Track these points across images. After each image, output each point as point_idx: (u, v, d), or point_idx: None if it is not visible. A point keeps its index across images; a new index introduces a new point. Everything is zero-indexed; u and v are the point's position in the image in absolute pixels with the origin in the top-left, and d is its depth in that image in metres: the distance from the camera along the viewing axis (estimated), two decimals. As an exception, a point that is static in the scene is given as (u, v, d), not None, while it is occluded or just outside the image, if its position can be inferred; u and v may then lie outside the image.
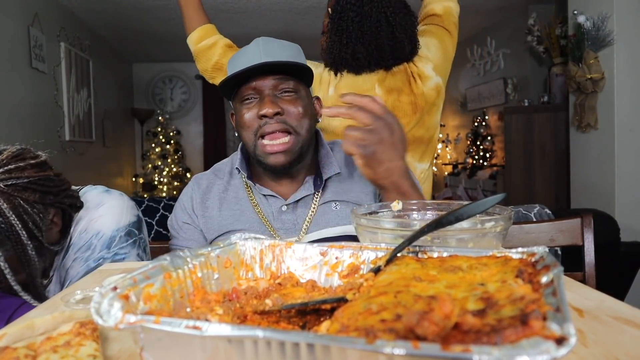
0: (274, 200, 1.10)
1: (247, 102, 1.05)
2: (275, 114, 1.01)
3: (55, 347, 0.44)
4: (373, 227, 0.66)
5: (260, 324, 0.45)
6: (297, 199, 1.09)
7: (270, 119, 1.01)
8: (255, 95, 1.04)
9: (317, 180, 1.11)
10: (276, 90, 1.03)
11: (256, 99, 1.04)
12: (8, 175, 0.88)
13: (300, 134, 1.04)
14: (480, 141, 5.33)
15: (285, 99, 1.03)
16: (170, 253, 0.49)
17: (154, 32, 5.18)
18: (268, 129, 1.01)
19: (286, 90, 1.03)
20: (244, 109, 1.05)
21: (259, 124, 1.02)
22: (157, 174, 6.57)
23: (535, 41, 4.12)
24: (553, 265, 0.41)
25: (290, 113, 1.02)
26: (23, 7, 3.51)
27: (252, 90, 1.03)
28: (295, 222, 1.09)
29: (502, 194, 0.55)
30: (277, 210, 1.10)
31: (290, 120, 1.02)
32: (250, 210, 1.11)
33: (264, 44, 1.04)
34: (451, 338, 0.31)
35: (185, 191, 1.18)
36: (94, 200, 1.06)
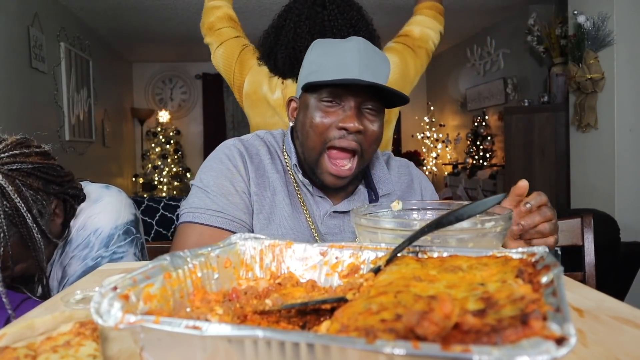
0: (323, 203, 1.05)
1: (328, 105, 0.96)
2: (357, 131, 0.95)
3: (55, 347, 0.44)
4: (373, 227, 0.66)
5: (260, 324, 0.45)
6: (349, 209, 1.03)
7: (349, 134, 0.95)
8: (339, 101, 0.96)
9: (371, 194, 1.08)
10: (362, 105, 0.97)
11: (339, 106, 0.96)
12: (13, 159, 0.88)
13: (365, 158, 0.99)
14: (480, 141, 5.33)
15: (367, 117, 0.97)
16: (170, 253, 0.49)
17: (154, 32, 5.18)
18: (342, 143, 0.95)
19: (371, 108, 0.97)
20: (322, 111, 0.97)
21: (333, 134, 0.96)
22: (157, 174, 6.57)
23: (535, 41, 4.12)
24: (553, 265, 0.41)
25: (367, 133, 0.97)
26: (23, 7, 3.51)
27: (336, 96, 0.96)
28: (342, 227, 1.05)
29: (502, 194, 0.55)
30: (326, 213, 1.04)
31: (365, 141, 0.97)
32: (290, 205, 1.03)
33: (364, 50, 0.96)
34: (451, 338, 0.31)
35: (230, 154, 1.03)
36: (92, 195, 1.04)
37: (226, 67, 1.65)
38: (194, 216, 0.98)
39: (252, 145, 1.06)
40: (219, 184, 1.00)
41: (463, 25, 5.20)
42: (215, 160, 1.03)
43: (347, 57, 0.95)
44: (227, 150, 1.04)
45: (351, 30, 1.47)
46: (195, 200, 1.00)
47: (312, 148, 0.98)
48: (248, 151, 1.04)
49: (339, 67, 0.94)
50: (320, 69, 0.97)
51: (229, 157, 1.03)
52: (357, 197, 1.06)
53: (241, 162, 1.02)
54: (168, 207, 2.57)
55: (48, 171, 0.94)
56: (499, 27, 5.09)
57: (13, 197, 0.85)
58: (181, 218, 1.01)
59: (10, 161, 0.87)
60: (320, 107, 0.97)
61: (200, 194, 1.00)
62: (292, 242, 0.58)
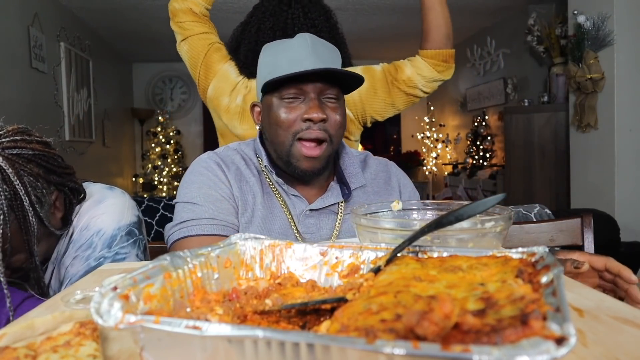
0: (299, 203, 1.07)
1: (290, 101, 1.00)
2: (321, 120, 0.99)
3: (55, 347, 0.44)
4: (373, 227, 0.66)
5: (260, 324, 0.45)
6: (324, 205, 1.07)
7: (315, 124, 0.99)
8: (300, 95, 1.00)
9: (344, 189, 1.10)
10: (322, 94, 1.01)
11: (299, 99, 1.00)
12: (14, 144, 0.88)
13: (333, 143, 1.03)
14: (480, 141, 5.33)
15: (328, 105, 1.01)
16: (170, 253, 0.49)
17: (154, 32, 5.18)
18: (310, 134, 0.99)
19: (330, 96, 1.01)
20: (284, 108, 1.00)
21: (300, 127, 0.99)
22: (157, 174, 6.57)
23: (535, 41, 4.12)
24: (553, 265, 0.41)
25: (331, 120, 1.01)
26: (23, 7, 3.51)
27: (297, 90, 1.00)
28: (319, 226, 1.07)
29: (502, 194, 0.55)
30: (302, 213, 1.07)
31: (331, 128, 1.01)
32: (278, 209, 1.07)
33: (312, 43, 1.00)
34: (451, 338, 0.31)
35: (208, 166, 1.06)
36: (96, 196, 1.04)
37: (192, 65, 1.67)
38: (187, 230, 1.00)
39: (225, 155, 1.10)
40: (203, 193, 1.03)
41: (463, 25, 5.20)
42: (194, 174, 1.06)
43: (297, 52, 0.99)
44: (203, 163, 1.08)
45: (312, 31, 1.48)
46: (184, 214, 1.02)
47: (281, 143, 1.02)
48: (224, 161, 1.08)
49: (292, 62, 0.98)
50: (275, 68, 1.00)
51: (206, 168, 1.06)
52: (331, 193, 1.08)
53: (220, 170, 1.06)
54: (168, 207, 2.57)
55: (49, 160, 0.94)
56: (499, 27, 5.09)
57: (12, 179, 0.84)
58: (173, 237, 1.02)
59: (11, 146, 0.87)
60: (283, 105, 1.01)
61: (189, 207, 1.02)
62: (292, 242, 0.58)
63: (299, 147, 1.00)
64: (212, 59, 1.62)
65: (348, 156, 1.14)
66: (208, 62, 1.63)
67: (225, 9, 4.37)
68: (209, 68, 1.62)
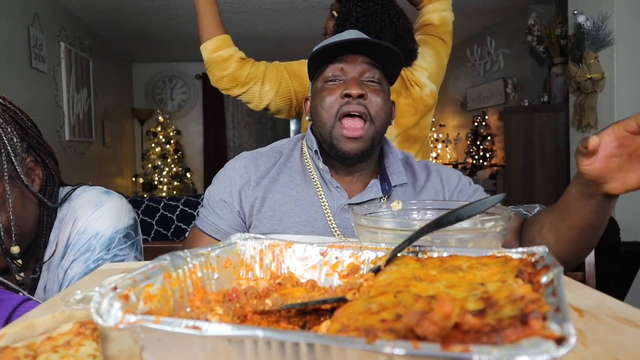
0: (339, 196, 1.07)
1: (331, 83, 1.04)
2: (360, 96, 1.00)
3: (55, 347, 0.44)
4: (373, 227, 0.66)
5: (260, 324, 0.45)
6: (363, 200, 1.07)
7: (353, 99, 1.00)
8: (342, 77, 1.03)
9: (384, 185, 1.09)
10: (362, 75, 1.03)
11: (341, 81, 1.03)
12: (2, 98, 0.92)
13: (375, 124, 1.03)
14: (480, 141, 5.33)
15: (370, 85, 1.03)
16: (170, 253, 0.49)
17: (154, 32, 5.18)
18: (349, 108, 1.00)
19: (372, 79, 1.04)
20: (327, 90, 1.04)
21: (340, 104, 1.02)
22: (157, 174, 6.57)
23: (535, 41, 4.12)
24: (553, 265, 0.41)
25: (372, 101, 1.02)
26: (23, 7, 3.51)
27: (339, 72, 1.03)
28: None
29: (503, 194, 0.55)
30: (340, 207, 1.06)
31: (371, 107, 1.02)
32: (307, 199, 1.07)
33: (358, 32, 1.07)
34: (451, 338, 0.31)
35: (236, 167, 1.11)
36: (93, 200, 1.04)
37: (284, 95, 1.70)
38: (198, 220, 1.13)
39: (260, 154, 1.14)
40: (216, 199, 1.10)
41: (463, 25, 5.19)
42: (221, 173, 1.13)
43: (341, 36, 1.05)
44: (232, 163, 1.13)
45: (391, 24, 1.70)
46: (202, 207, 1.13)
47: (325, 124, 1.04)
48: (255, 161, 1.12)
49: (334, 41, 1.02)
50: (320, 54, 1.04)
51: (231, 171, 1.11)
52: (371, 189, 1.08)
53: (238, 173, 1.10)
54: (168, 207, 2.57)
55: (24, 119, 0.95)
56: (499, 27, 5.09)
57: None
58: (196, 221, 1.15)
59: None
60: (325, 87, 1.04)
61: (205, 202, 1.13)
62: (292, 242, 0.58)
63: (339, 128, 1.02)
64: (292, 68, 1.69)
65: (392, 155, 1.15)
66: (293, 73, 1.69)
67: (226, 9, 4.37)
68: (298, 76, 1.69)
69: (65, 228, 1.02)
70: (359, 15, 1.67)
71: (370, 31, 1.66)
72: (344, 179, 1.10)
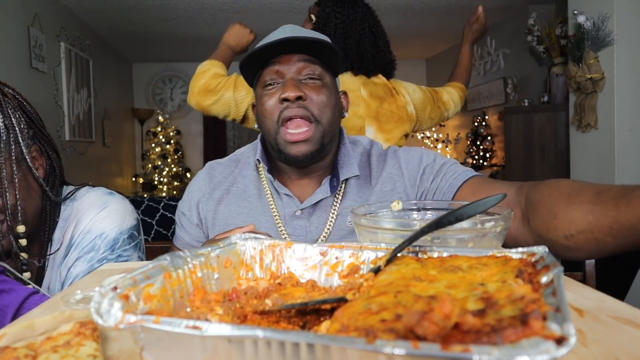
0: (289, 202, 1.03)
1: (269, 88, 0.99)
2: (297, 98, 0.95)
3: (55, 347, 0.44)
4: (373, 227, 0.66)
5: (260, 324, 0.45)
6: (313, 203, 1.01)
7: (292, 103, 0.95)
8: (278, 80, 0.98)
9: (333, 181, 1.02)
10: (300, 74, 0.98)
11: (279, 84, 0.98)
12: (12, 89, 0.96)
13: (321, 123, 0.97)
14: (480, 141, 5.33)
15: (309, 85, 0.97)
16: (170, 253, 0.49)
17: (154, 32, 5.18)
18: (289, 113, 0.95)
19: (311, 76, 0.98)
20: (266, 95, 0.99)
21: (280, 110, 0.96)
22: (157, 174, 6.57)
23: (535, 41, 4.12)
24: (553, 265, 0.41)
25: (312, 100, 0.96)
26: (23, 7, 3.51)
27: (275, 74, 0.98)
28: (307, 229, 1.02)
29: (503, 194, 0.55)
30: (291, 214, 1.02)
31: (312, 107, 0.96)
32: (259, 209, 1.04)
33: (291, 27, 1.00)
34: (451, 338, 0.31)
35: (196, 179, 1.13)
36: (98, 201, 1.05)
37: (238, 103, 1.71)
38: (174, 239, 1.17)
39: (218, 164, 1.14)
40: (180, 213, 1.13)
41: (463, 25, 5.19)
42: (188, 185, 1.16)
43: (273, 36, 0.99)
44: (196, 175, 1.15)
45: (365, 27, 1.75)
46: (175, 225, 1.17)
47: (269, 131, 1.00)
48: (211, 172, 1.12)
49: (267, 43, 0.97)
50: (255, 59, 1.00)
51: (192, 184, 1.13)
52: (319, 189, 1.02)
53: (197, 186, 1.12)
54: (168, 207, 2.57)
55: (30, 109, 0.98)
56: (499, 27, 5.09)
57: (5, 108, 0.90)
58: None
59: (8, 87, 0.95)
60: (264, 94, 1.00)
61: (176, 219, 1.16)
62: (292, 242, 0.58)
63: (283, 133, 0.97)
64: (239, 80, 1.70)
65: (345, 147, 1.07)
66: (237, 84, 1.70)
67: (226, 9, 4.38)
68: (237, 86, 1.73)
69: (69, 227, 1.03)
70: (338, 21, 1.67)
71: (349, 39, 1.67)
72: (299, 182, 1.05)
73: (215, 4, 4.21)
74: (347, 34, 1.67)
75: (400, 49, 6.29)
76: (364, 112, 1.72)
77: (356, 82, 1.74)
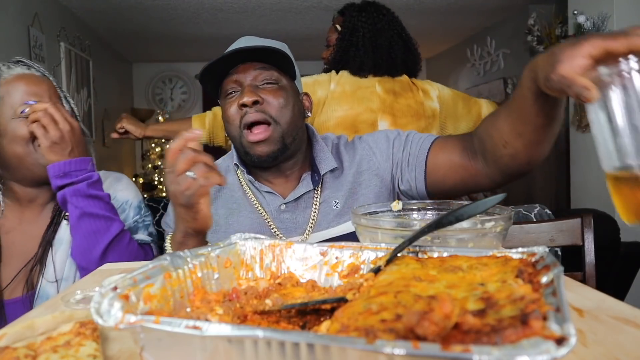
0: (273, 199, 1.09)
1: (229, 96, 1.05)
2: (254, 103, 1.00)
3: (55, 347, 0.44)
4: (373, 227, 0.66)
5: (260, 324, 0.45)
6: (296, 197, 1.08)
7: (250, 108, 1.01)
8: (237, 88, 1.04)
9: (314, 176, 1.09)
10: (257, 80, 1.03)
11: (238, 92, 1.04)
12: None
13: (279, 124, 1.02)
14: (480, 141, 5.32)
15: (266, 89, 1.03)
16: (170, 253, 0.49)
17: (154, 32, 5.18)
18: (248, 118, 1.01)
19: (268, 81, 1.03)
20: (227, 104, 1.05)
21: (240, 115, 1.02)
22: (157, 174, 6.57)
23: (536, 41, 4.11)
24: (553, 265, 0.41)
25: (270, 103, 1.02)
26: (23, 7, 3.51)
27: (234, 84, 1.04)
28: (295, 221, 1.08)
29: (503, 194, 0.55)
30: (276, 209, 1.08)
31: (270, 110, 1.02)
32: (248, 208, 1.09)
33: (247, 38, 1.07)
34: (451, 338, 0.31)
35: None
36: (112, 176, 1.19)
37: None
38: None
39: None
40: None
41: (463, 25, 5.19)
42: None
43: (231, 48, 1.05)
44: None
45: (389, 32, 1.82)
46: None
47: (234, 136, 1.06)
48: None
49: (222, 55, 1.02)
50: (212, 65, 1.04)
51: None
52: (301, 184, 1.08)
53: None
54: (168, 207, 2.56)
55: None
56: (499, 27, 5.09)
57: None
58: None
59: None
60: (226, 102, 1.06)
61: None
62: (292, 242, 0.58)
63: (245, 136, 1.03)
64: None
65: (318, 143, 1.14)
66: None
67: (226, 9, 4.37)
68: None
69: None
70: (365, 31, 1.72)
71: (380, 47, 1.72)
72: (277, 180, 1.11)
73: (215, 4, 4.20)
74: (377, 41, 1.72)
75: (400, 49, 6.29)
76: (377, 107, 1.76)
77: (372, 80, 1.77)
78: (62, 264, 1.05)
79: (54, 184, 1.01)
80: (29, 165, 1.03)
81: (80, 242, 1.01)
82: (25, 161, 1.02)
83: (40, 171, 1.03)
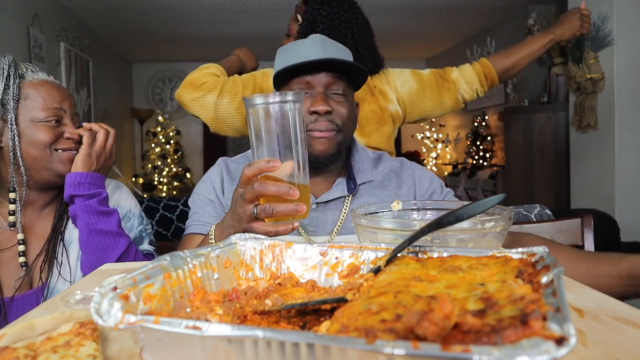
0: None
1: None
2: (326, 113, 1.03)
3: (55, 347, 0.44)
4: (373, 227, 0.66)
5: (260, 324, 0.45)
6: (329, 199, 1.11)
7: (321, 116, 1.03)
8: (308, 89, 1.05)
9: (350, 183, 1.13)
10: (328, 89, 1.06)
11: (308, 93, 1.05)
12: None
13: (343, 132, 1.07)
14: (480, 141, 5.33)
15: (335, 99, 1.06)
16: (170, 253, 0.49)
17: (154, 32, 5.18)
18: (318, 126, 1.03)
19: (336, 92, 1.06)
20: None
21: (309, 120, 1.04)
22: (157, 174, 6.57)
23: (536, 41, 4.11)
24: (553, 265, 0.41)
25: (338, 113, 1.05)
26: (23, 7, 3.51)
27: (304, 85, 1.05)
28: (324, 221, 1.10)
29: (503, 194, 0.55)
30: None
31: (337, 119, 1.05)
32: None
33: (322, 41, 1.07)
34: (451, 338, 0.31)
35: (212, 171, 1.18)
36: (112, 183, 1.21)
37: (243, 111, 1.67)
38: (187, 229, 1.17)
39: (232, 161, 1.21)
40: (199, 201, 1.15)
41: (463, 25, 5.20)
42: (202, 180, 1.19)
43: (305, 47, 1.06)
44: (210, 170, 1.20)
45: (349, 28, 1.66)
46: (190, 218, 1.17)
47: None
48: (227, 166, 1.18)
49: (301, 57, 1.03)
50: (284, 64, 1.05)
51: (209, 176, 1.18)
52: (337, 188, 1.12)
53: (218, 176, 1.16)
54: (168, 207, 2.57)
55: None
56: (499, 27, 5.09)
57: None
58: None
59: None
60: None
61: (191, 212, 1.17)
62: (292, 242, 0.58)
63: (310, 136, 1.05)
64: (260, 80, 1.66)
65: (359, 153, 1.18)
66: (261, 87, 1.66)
67: (225, 9, 4.38)
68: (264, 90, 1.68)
69: None
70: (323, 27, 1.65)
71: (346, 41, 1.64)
72: (313, 179, 1.12)
73: (215, 4, 4.21)
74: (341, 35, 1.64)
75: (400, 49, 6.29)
76: None
77: None
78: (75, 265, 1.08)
79: (67, 192, 1.04)
80: (40, 168, 1.04)
81: (89, 257, 1.03)
82: (39, 164, 1.04)
83: (50, 176, 1.06)
